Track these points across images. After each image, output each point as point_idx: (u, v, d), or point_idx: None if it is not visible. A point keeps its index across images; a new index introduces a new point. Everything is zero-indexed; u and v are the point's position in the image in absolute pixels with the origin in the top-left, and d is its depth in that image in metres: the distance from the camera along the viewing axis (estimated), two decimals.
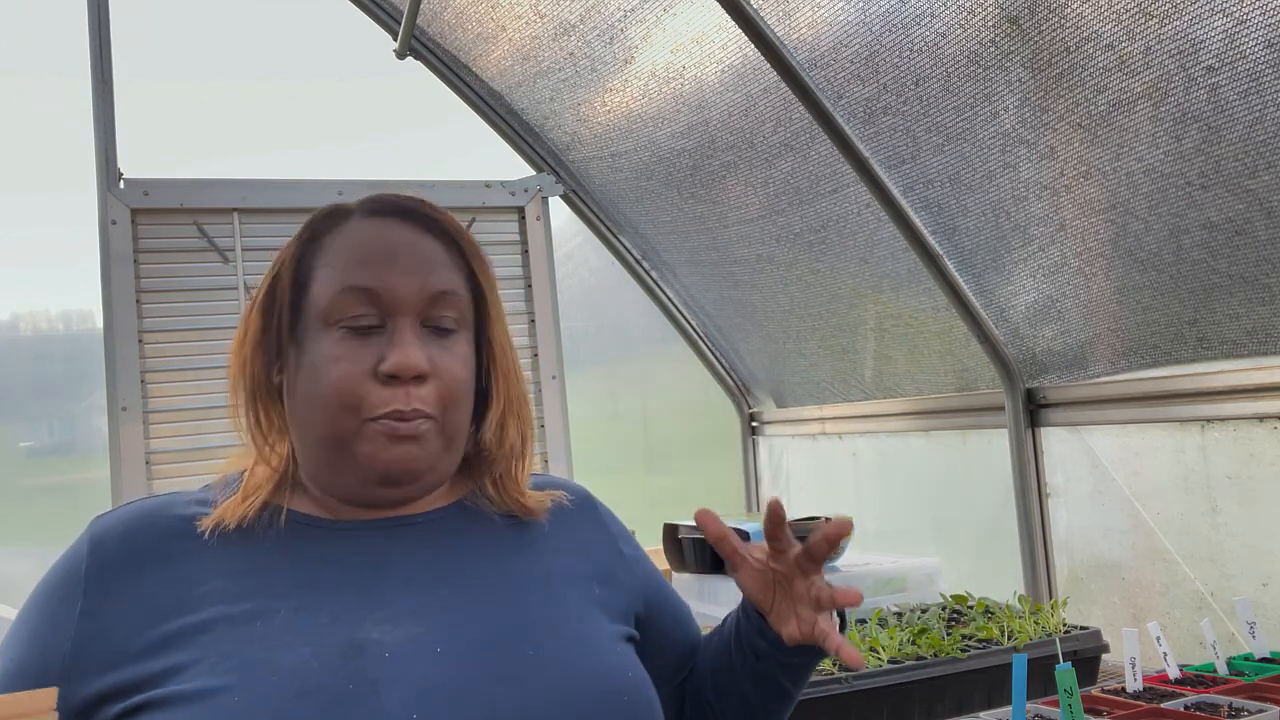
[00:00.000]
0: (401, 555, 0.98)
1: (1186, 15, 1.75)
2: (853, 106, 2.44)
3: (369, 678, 0.86)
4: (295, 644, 0.88)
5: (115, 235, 2.87)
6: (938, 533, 3.03)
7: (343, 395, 0.94)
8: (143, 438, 2.84)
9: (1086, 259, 2.30)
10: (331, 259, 0.99)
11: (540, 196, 3.38)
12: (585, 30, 2.80)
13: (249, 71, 3.33)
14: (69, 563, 0.95)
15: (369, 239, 0.99)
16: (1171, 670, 1.72)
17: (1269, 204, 1.89)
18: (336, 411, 0.95)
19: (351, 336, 0.96)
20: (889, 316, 2.95)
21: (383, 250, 0.98)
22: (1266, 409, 2.09)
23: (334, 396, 0.94)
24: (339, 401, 0.94)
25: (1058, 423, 2.62)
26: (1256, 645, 1.80)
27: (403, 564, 0.97)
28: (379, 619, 0.91)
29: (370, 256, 0.98)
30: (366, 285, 0.96)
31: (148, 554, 0.93)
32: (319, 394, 0.95)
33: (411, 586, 0.95)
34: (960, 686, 1.95)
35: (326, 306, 0.97)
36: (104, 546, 0.94)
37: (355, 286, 0.97)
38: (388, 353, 0.95)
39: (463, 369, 1.00)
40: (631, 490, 3.85)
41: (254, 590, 0.92)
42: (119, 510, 0.98)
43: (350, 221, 1.02)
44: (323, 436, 0.96)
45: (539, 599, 0.99)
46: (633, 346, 4.03)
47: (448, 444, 0.99)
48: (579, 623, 1.00)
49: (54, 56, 3.09)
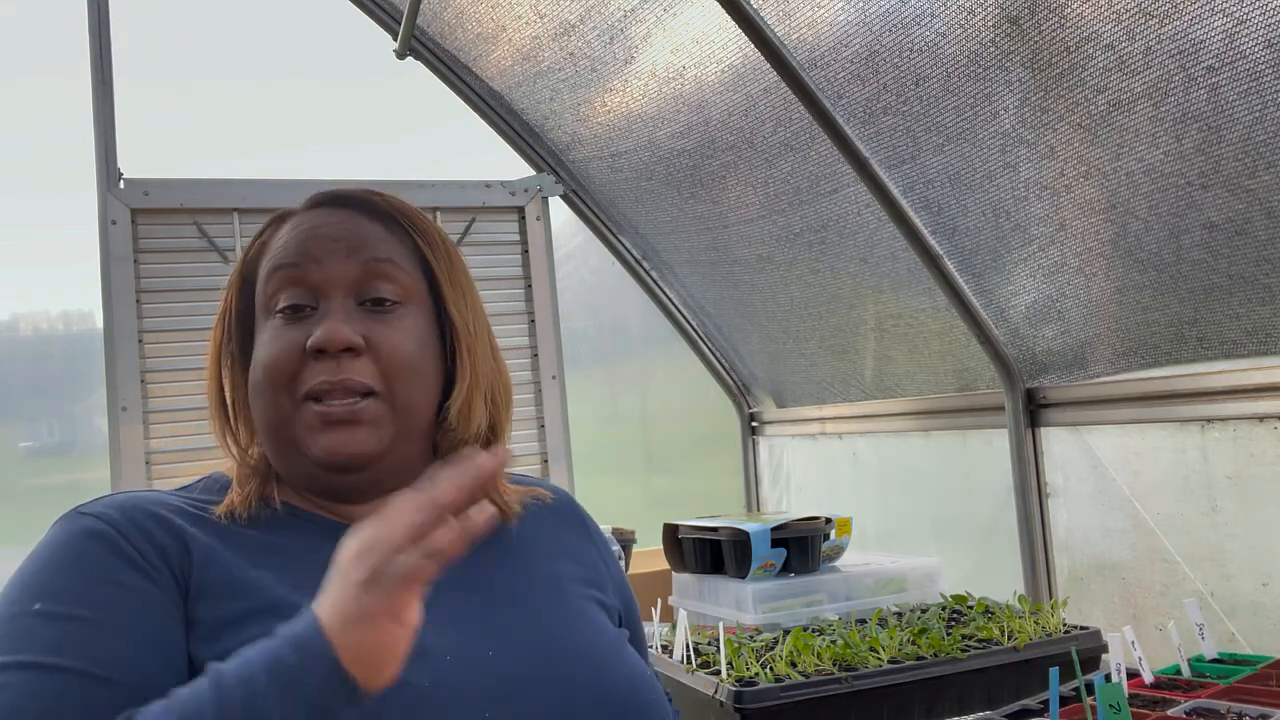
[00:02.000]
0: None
1: (1186, 15, 1.75)
2: (853, 106, 2.44)
3: (441, 678, 0.87)
4: None
5: (115, 235, 2.87)
6: (938, 533, 3.03)
7: (274, 374, 0.95)
8: (143, 438, 2.84)
9: (1086, 259, 2.30)
10: (270, 253, 1.01)
11: (540, 196, 3.38)
12: (585, 30, 2.80)
13: (249, 71, 3.33)
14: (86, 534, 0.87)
15: (303, 227, 1.00)
16: (1146, 675, 1.72)
17: (1269, 204, 1.88)
18: (273, 393, 0.95)
19: (286, 321, 0.96)
20: (889, 316, 2.94)
21: (311, 233, 0.99)
22: (1266, 409, 2.09)
23: (267, 377, 0.95)
24: (272, 381, 0.95)
25: (1058, 423, 2.62)
26: (1206, 646, 1.82)
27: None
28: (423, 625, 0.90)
29: (301, 240, 0.99)
30: (293, 262, 0.97)
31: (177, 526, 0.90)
32: (258, 379, 0.96)
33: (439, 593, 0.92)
34: (960, 686, 1.95)
35: (263, 294, 0.99)
36: (122, 521, 0.88)
37: (282, 265, 0.98)
38: (314, 329, 0.94)
39: (406, 341, 0.96)
40: (631, 490, 3.85)
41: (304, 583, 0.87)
42: (103, 500, 0.93)
43: (291, 219, 1.03)
44: (269, 422, 0.96)
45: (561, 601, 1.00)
46: (633, 346, 4.03)
47: (403, 423, 0.96)
48: (597, 624, 1.01)
49: (54, 56, 3.09)
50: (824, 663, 1.90)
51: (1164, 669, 1.77)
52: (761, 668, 1.88)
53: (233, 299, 1.03)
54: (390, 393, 0.95)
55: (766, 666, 1.89)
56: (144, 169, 2.93)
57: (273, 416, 0.95)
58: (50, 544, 0.88)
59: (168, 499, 0.96)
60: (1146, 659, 1.73)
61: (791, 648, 1.93)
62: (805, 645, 1.93)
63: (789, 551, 2.43)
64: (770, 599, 2.33)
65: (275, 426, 0.96)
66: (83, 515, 0.90)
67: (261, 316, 0.99)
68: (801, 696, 1.81)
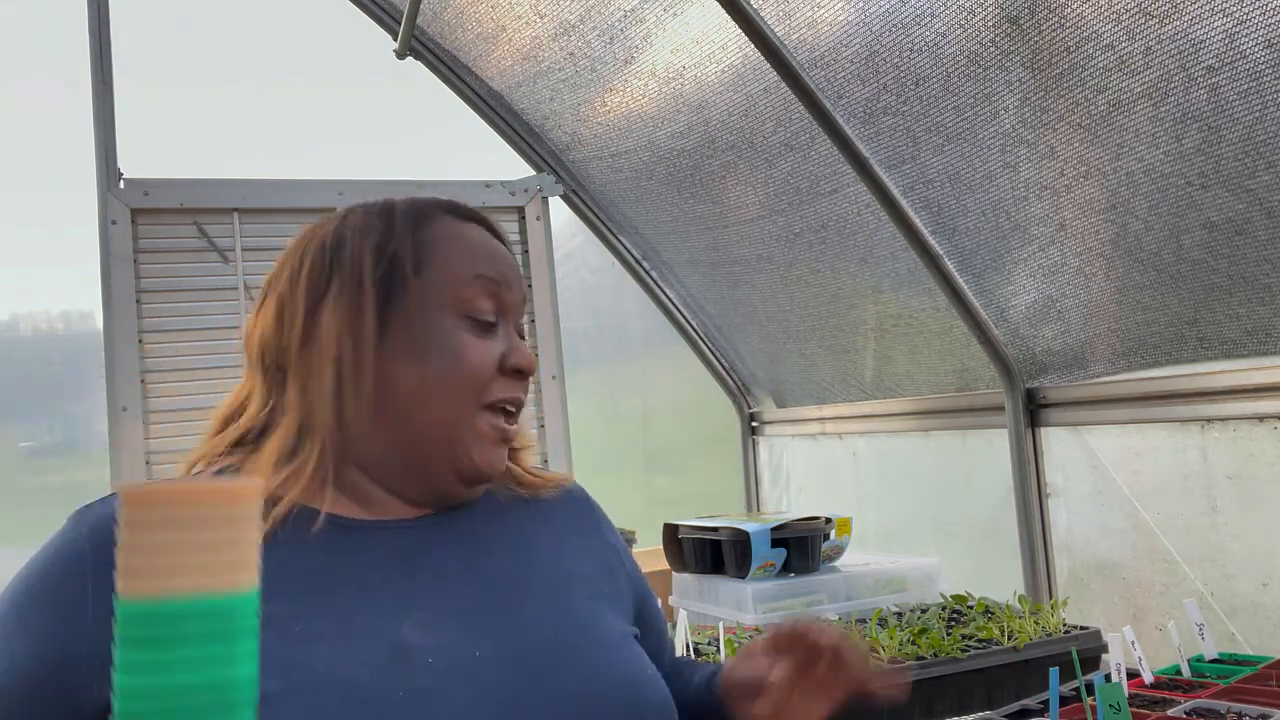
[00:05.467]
0: (431, 553, 0.97)
1: (1186, 15, 1.75)
2: (853, 106, 2.44)
3: (418, 687, 0.86)
4: (341, 648, 0.86)
5: (115, 235, 2.87)
6: (938, 533, 3.03)
7: (470, 379, 0.96)
8: (143, 438, 2.84)
9: (1086, 259, 2.30)
10: (448, 250, 0.99)
11: (540, 196, 3.38)
12: (585, 30, 2.80)
13: (249, 71, 3.33)
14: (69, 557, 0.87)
15: (481, 239, 1.03)
16: (1146, 675, 1.72)
17: (1269, 204, 1.88)
18: (461, 395, 0.96)
19: (479, 331, 0.99)
20: (889, 316, 2.95)
21: (496, 250, 1.03)
22: (1266, 409, 2.09)
23: (462, 378, 0.95)
24: (466, 383, 0.96)
25: (1058, 423, 2.62)
26: (1206, 646, 1.82)
27: (433, 563, 0.96)
28: (416, 622, 0.90)
29: (491, 255, 1.02)
30: (494, 277, 1.00)
31: None
32: (449, 376, 0.95)
33: (443, 586, 0.95)
34: (960, 686, 1.95)
35: (455, 292, 0.98)
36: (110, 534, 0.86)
37: (486, 276, 0.99)
38: (511, 350, 1.00)
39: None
40: (631, 490, 3.85)
41: (287, 590, 0.88)
42: (109, 502, 0.91)
43: (444, 220, 1.02)
44: (436, 420, 0.95)
45: (562, 598, 1.00)
46: (633, 346, 4.03)
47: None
48: (599, 622, 1.00)
49: (54, 56, 3.09)
50: None
51: (1164, 669, 1.77)
52: None
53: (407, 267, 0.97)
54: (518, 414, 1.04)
55: None
56: (144, 169, 2.93)
57: (448, 416, 0.96)
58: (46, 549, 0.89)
59: None
60: (1146, 659, 1.73)
61: None
62: None
63: (789, 551, 2.43)
64: (770, 599, 2.33)
65: (443, 425, 0.95)
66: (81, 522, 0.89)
67: (439, 307, 0.97)
68: None
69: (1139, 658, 1.71)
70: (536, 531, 1.06)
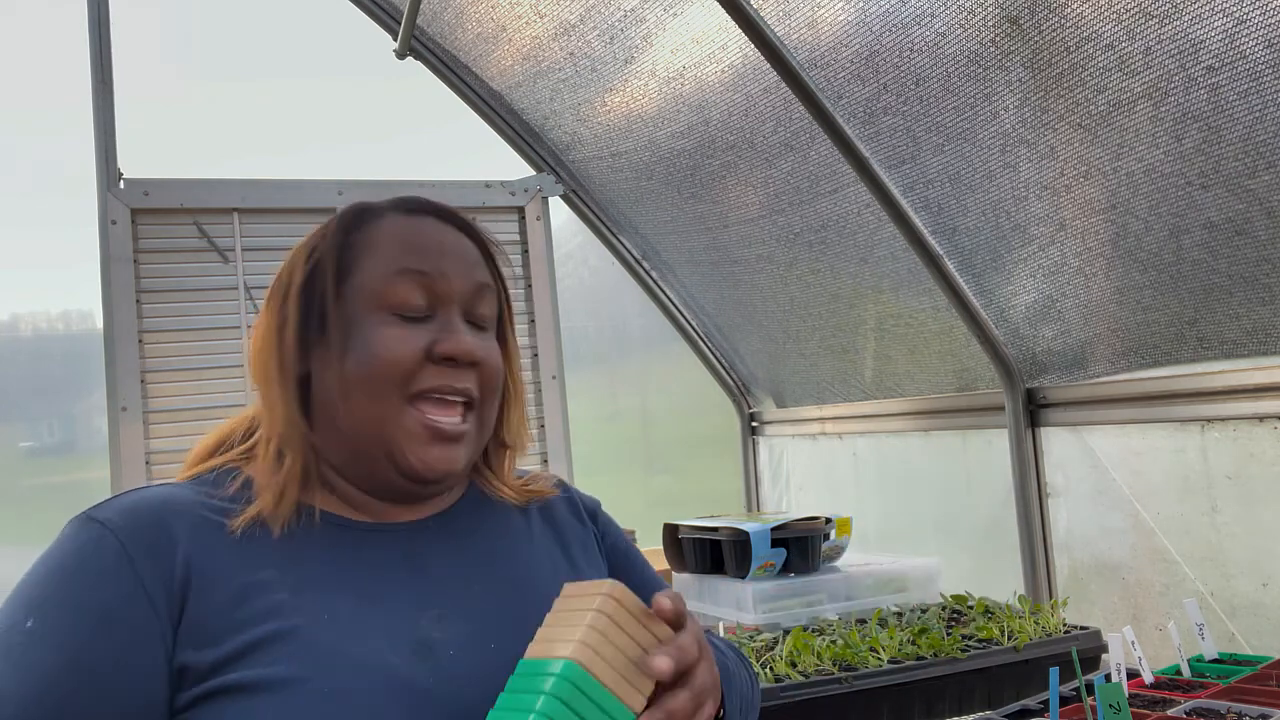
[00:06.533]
0: (432, 553, 1.00)
1: (1186, 15, 1.75)
2: (853, 106, 2.44)
3: (447, 674, 0.89)
4: (370, 640, 0.89)
5: (115, 235, 2.87)
6: (938, 533, 3.03)
7: (391, 371, 0.94)
8: (143, 438, 2.84)
9: (1086, 259, 2.30)
10: (376, 248, 1.00)
11: (540, 196, 3.38)
12: (585, 30, 2.80)
13: (249, 71, 3.33)
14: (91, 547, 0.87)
15: (416, 230, 1.01)
16: (1146, 675, 1.72)
17: (1269, 204, 1.88)
18: (383, 389, 0.94)
19: (405, 323, 0.97)
20: (889, 316, 2.94)
21: (433, 241, 1.01)
22: (1266, 409, 2.09)
23: (381, 372, 0.94)
24: (387, 377, 0.94)
25: (1058, 423, 2.62)
26: (1206, 646, 1.82)
27: (435, 562, 0.99)
28: (431, 618, 0.93)
29: (421, 245, 1.00)
30: (422, 269, 0.98)
31: (183, 539, 0.89)
32: (366, 373, 0.95)
33: (448, 584, 0.97)
34: (960, 686, 1.95)
35: (379, 290, 0.97)
36: (127, 530, 0.87)
37: (411, 269, 0.98)
38: (441, 338, 0.97)
39: (498, 360, 1.03)
40: (631, 490, 3.85)
41: (309, 585, 0.90)
42: (116, 501, 0.92)
43: (386, 217, 1.02)
44: (365, 418, 0.95)
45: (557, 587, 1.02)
46: (633, 346, 4.03)
47: (480, 439, 1.02)
48: None
49: (53, 56, 3.09)
50: (824, 663, 1.90)
51: (1164, 669, 1.77)
52: (762, 668, 1.88)
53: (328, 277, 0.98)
54: (480, 406, 1.00)
55: (767, 667, 1.89)
56: (144, 169, 2.93)
57: (373, 413, 0.95)
58: (55, 555, 0.89)
59: (183, 497, 0.94)
60: (1146, 659, 1.73)
61: (792, 648, 1.94)
62: (805, 645, 1.93)
63: (789, 551, 2.43)
64: (770, 599, 2.33)
65: (371, 423, 0.95)
66: (91, 523, 0.89)
67: (364, 308, 0.97)
68: (802, 696, 1.81)
69: (1139, 658, 1.71)
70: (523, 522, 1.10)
